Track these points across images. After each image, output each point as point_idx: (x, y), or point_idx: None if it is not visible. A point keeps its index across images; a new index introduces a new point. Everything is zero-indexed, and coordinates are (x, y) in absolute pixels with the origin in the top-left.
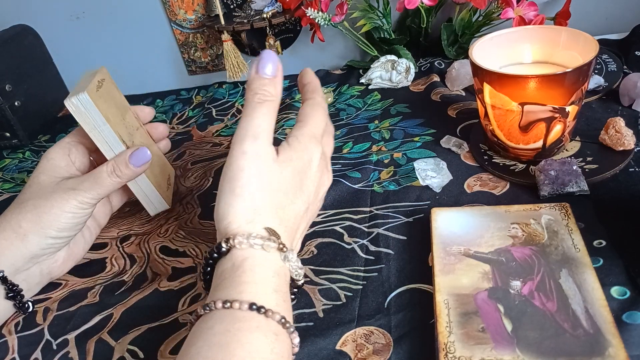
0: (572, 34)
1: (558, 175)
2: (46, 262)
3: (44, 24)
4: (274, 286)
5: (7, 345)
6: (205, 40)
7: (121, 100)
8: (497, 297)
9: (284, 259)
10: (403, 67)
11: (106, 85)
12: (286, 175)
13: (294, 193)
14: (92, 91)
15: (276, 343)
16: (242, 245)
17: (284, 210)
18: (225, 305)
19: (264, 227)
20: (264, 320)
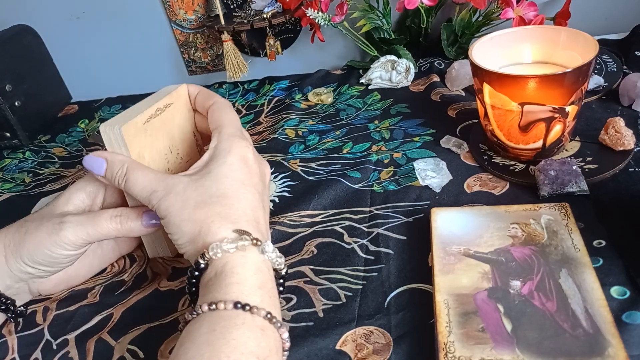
0: (572, 34)
1: (558, 175)
2: (35, 284)
3: (43, 24)
4: (257, 283)
5: (7, 345)
6: (205, 40)
7: (183, 126)
8: (496, 297)
9: (262, 252)
10: (403, 67)
11: (169, 111)
12: (211, 185)
13: (236, 191)
14: (135, 124)
15: (262, 338)
16: (218, 254)
17: (234, 209)
18: (211, 307)
19: (232, 230)
20: (250, 316)
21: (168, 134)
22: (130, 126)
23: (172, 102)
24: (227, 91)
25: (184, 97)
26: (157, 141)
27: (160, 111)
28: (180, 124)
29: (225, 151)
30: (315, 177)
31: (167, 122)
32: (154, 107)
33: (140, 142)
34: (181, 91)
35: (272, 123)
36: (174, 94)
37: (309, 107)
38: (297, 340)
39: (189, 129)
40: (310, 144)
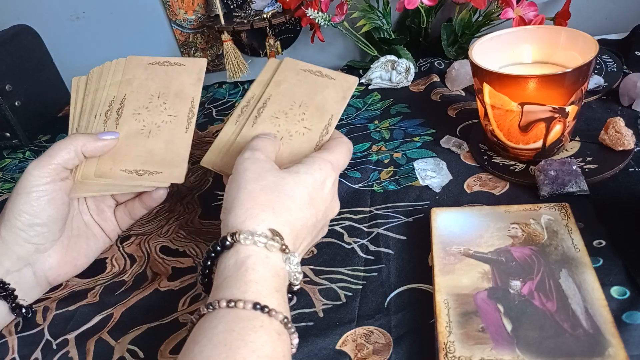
0: (572, 34)
1: (558, 175)
2: (38, 264)
3: (44, 24)
4: (276, 286)
5: (7, 346)
6: (205, 40)
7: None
8: (496, 297)
9: (286, 261)
10: (403, 67)
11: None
12: (290, 182)
13: (302, 203)
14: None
15: (278, 342)
16: (247, 242)
17: (290, 213)
18: (230, 304)
19: (269, 228)
20: (267, 319)
21: (165, 82)
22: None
23: (335, 79)
24: (227, 91)
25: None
26: (152, 81)
27: (167, 64)
28: (183, 83)
29: (317, 167)
30: None
31: (170, 74)
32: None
33: (137, 73)
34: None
35: None
36: (341, 76)
37: None
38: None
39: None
40: None
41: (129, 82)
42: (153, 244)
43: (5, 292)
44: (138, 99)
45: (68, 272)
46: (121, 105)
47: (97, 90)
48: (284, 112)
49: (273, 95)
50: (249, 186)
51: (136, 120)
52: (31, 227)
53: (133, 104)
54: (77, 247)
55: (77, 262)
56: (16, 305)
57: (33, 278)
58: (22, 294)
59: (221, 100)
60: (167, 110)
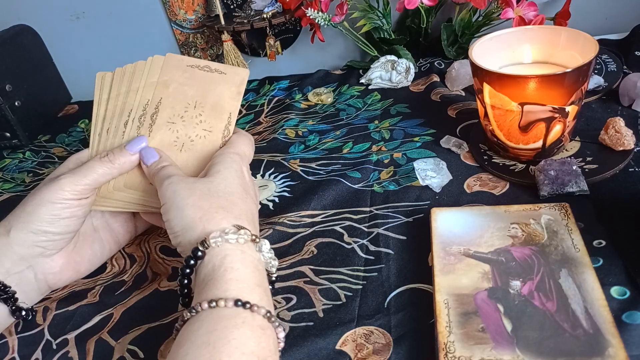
0: (572, 34)
1: (558, 175)
2: (40, 267)
3: (44, 24)
4: (256, 281)
5: (7, 346)
6: (205, 40)
7: (222, 100)
8: (496, 297)
9: (259, 250)
10: (403, 67)
11: (216, 76)
12: (220, 182)
13: (241, 194)
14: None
15: (263, 337)
16: (218, 242)
17: (239, 207)
18: (211, 304)
19: (232, 225)
20: (250, 315)
21: (202, 91)
22: (173, 57)
23: (225, 73)
24: None
25: (240, 79)
26: (188, 87)
27: (207, 69)
28: (220, 95)
29: (231, 160)
30: (315, 177)
31: (207, 82)
32: (205, 62)
33: (174, 74)
34: (241, 73)
35: (272, 123)
36: (231, 69)
37: (309, 107)
38: (297, 340)
39: (227, 108)
40: (310, 144)
41: (166, 84)
42: (153, 243)
43: (6, 295)
44: (174, 106)
45: (70, 277)
46: (156, 111)
47: (128, 93)
48: (179, 115)
49: (164, 98)
50: (188, 201)
51: (170, 131)
52: (44, 234)
53: (168, 110)
54: (82, 253)
55: (79, 268)
56: (16, 308)
57: (34, 280)
58: (22, 297)
59: None
60: (202, 123)
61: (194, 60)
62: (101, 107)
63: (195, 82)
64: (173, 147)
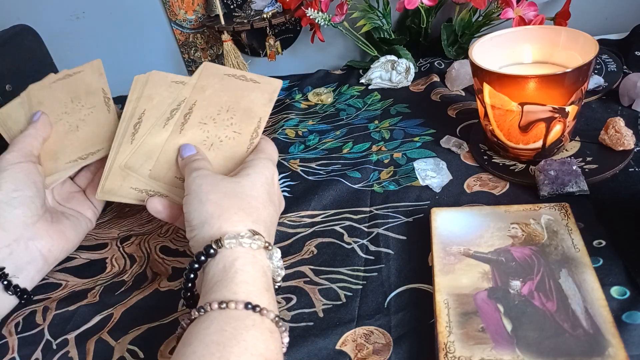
0: (572, 34)
1: (558, 175)
2: (28, 238)
3: (44, 24)
4: (265, 286)
5: (7, 346)
6: (205, 40)
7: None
8: (496, 297)
9: (269, 257)
10: (403, 67)
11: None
12: (247, 185)
13: (264, 201)
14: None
15: (271, 340)
16: (232, 245)
17: (259, 212)
18: (222, 305)
19: (248, 229)
20: (259, 318)
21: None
22: (212, 66)
23: (259, 82)
24: None
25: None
26: (223, 93)
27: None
28: (252, 101)
29: (263, 166)
30: (315, 177)
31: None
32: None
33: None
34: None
35: (272, 123)
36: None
37: (309, 107)
38: (297, 340)
39: (258, 113)
40: (310, 144)
41: (202, 88)
42: (153, 243)
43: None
44: (207, 108)
45: (60, 244)
46: (190, 111)
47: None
48: (211, 117)
49: (199, 100)
50: (211, 197)
51: (201, 130)
52: (14, 198)
53: (202, 111)
54: (62, 222)
55: (67, 236)
56: (9, 283)
57: (25, 252)
58: (20, 274)
59: None
60: (232, 125)
61: (231, 70)
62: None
63: (230, 88)
64: (202, 145)
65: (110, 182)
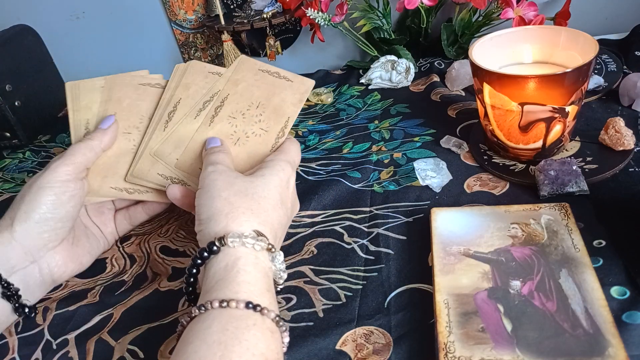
0: (572, 34)
1: (558, 175)
2: (44, 260)
3: (44, 24)
4: (266, 286)
5: (7, 346)
6: (205, 40)
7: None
8: (496, 297)
9: (272, 260)
10: (403, 67)
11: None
12: (260, 185)
13: (275, 203)
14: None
15: (272, 340)
16: (235, 244)
17: (268, 214)
18: (222, 304)
19: (253, 229)
20: (260, 318)
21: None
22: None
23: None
24: None
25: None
26: (256, 88)
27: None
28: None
29: (280, 168)
30: (315, 177)
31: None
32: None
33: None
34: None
35: None
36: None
37: (309, 107)
38: (297, 340)
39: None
40: (310, 144)
41: (236, 82)
42: (153, 243)
43: (10, 292)
44: (238, 102)
45: (73, 270)
46: (221, 104)
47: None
48: (241, 112)
49: (231, 94)
50: (222, 194)
51: (229, 124)
52: (46, 222)
53: (232, 105)
54: (81, 245)
55: (82, 260)
56: (19, 305)
57: (38, 275)
58: (27, 293)
59: None
60: (260, 122)
61: (266, 65)
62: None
63: (263, 84)
64: (229, 139)
65: (140, 166)
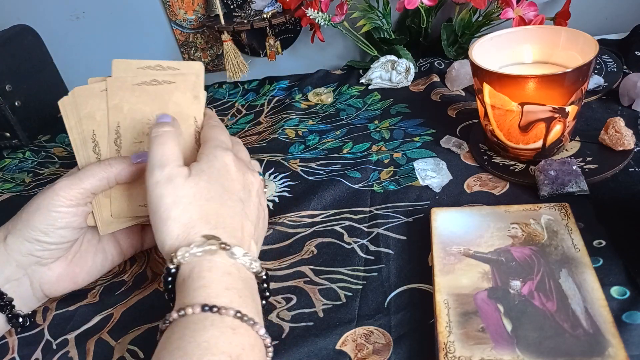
0: (572, 34)
1: (558, 175)
2: (36, 275)
3: (44, 24)
4: (225, 285)
5: (7, 346)
6: (205, 40)
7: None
8: (496, 297)
9: (231, 256)
10: (403, 67)
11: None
12: (203, 185)
13: (220, 196)
14: (124, 81)
15: (234, 336)
16: (186, 258)
17: (217, 215)
18: (180, 313)
19: (201, 236)
20: (218, 317)
21: (158, 105)
22: (117, 80)
23: (174, 82)
24: (227, 91)
25: (192, 84)
26: (143, 105)
27: (155, 83)
28: (178, 103)
29: (212, 157)
30: (315, 177)
31: (160, 95)
32: (151, 76)
33: (123, 96)
34: (190, 78)
35: (272, 123)
36: (179, 76)
37: (309, 107)
38: (297, 340)
39: (190, 113)
40: (310, 144)
41: (118, 108)
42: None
43: (3, 302)
44: (134, 126)
45: (66, 288)
46: (118, 136)
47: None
48: (144, 134)
49: (121, 121)
50: (172, 214)
51: (140, 150)
52: (39, 243)
53: (130, 132)
54: (81, 264)
55: (77, 279)
56: (13, 316)
57: (30, 289)
58: (20, 304)
59: (221, 100)
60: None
61: (138, 77)
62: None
63: (147, 98)
64: None
65: (117, 205)
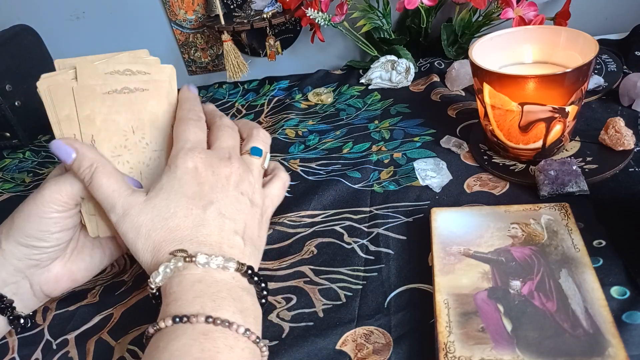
0: (572, 34)
1: (558, 175)
2: (35, 277)
3: (44, 24)
4: (195, 293)
5: (7, 346)
6: (205, 40)
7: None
8: (496, 297)
9: (199, 265)
10: (403, 67)
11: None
12: (162, 204)
13: (185, 207)
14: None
15: (206, 342)
16: (158, 280)
17: (182, 228)
18: (155, 327)
19: (168, 253)
20: (190, 326)
21: (133, 114)
22: (85, 89)
23: (147, 89)
24: (227, 91)
25: (165, 87)
26: (116, 115)
27: (127, 91)
28: (153, 112)
29: (174, 167)
30: (315, 177)
31: (133, 103)
32: (122, 84)
33: (93, 106)
34: (162, 80)
35: (272, 123)
36: (152, 82)
37: (309, 107)
38: (297, 340)
39: (167, 120)
40: (310, 144)
41: (90, 119)
42: None
43: (3, 305)
44: (111, 139)
45: (66, 286)
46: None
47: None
48: (122, 146)
49: (95, 134)
50: (138, 246)
51: (120, 164)
52: (35, 248)
53: (106, 144)
54: (78, 262)
55: (76, 277)
56: (14, 317)
57: (30, 290)
58: (21, 305)
59: (221, 100)
60: (148, 145)
61: (108, 84)
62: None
63: (120, 107)
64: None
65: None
